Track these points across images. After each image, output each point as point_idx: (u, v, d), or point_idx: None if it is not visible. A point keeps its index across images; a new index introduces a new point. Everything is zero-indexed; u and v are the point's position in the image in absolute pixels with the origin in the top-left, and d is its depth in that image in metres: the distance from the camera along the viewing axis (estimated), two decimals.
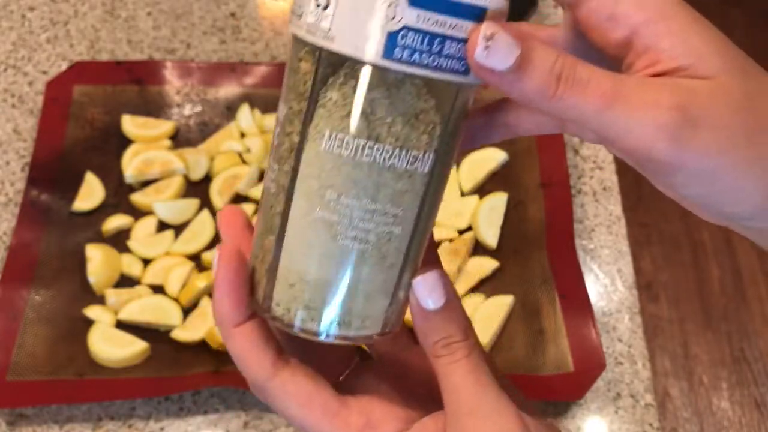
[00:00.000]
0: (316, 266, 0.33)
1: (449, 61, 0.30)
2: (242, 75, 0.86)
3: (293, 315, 0.33)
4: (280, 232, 0.33)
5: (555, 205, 0.77)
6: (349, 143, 0.31)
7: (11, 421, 0.67)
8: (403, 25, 0.29)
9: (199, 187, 0.80)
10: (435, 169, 0.32)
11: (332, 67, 0.31)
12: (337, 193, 0.32)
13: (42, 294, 0.72)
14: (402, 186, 0.32)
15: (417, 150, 0.32)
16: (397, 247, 0.33)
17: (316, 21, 0.31)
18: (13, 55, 0.90)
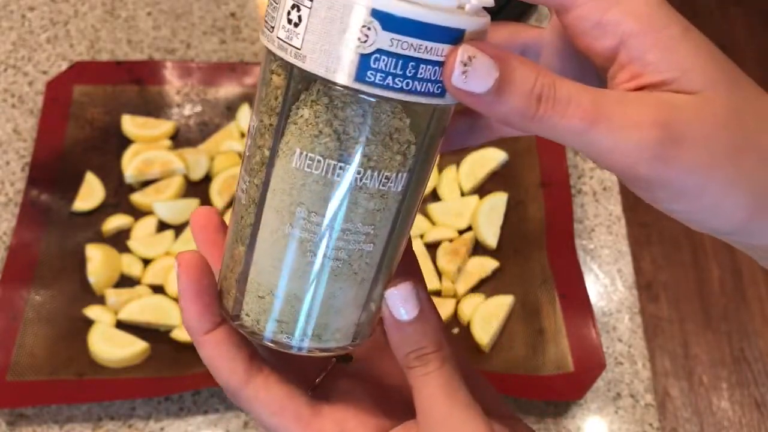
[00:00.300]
0: (286, 280, 0.32)
1: (424, 84, 0.30)
2: (242, 75, 0.86)
3: (263, 327, 0.33)
4: (250, 244, 0.32)
5: (555, 205, 0.77)
6: (320, 162, 0.30)
7: (11, 421, 0.67)
8: (376, 48, 0.29)
9: (199, 187, 0.80)
10: (409, 188, 0.32)
11: (304, 83, 0.30)
12: (308, 211, 0.31)
13: (42, 294, 0.72)
14: (374, 205, 0.31)
15: (390, 171, 0.31)
16: (368, 263, 0.32)
17: (287, 37, 0.30)
18: (13, 55, 0.90)
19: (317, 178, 0.31)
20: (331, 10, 0.29)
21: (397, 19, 0.28)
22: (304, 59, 0.29)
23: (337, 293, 0.32)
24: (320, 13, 0.29)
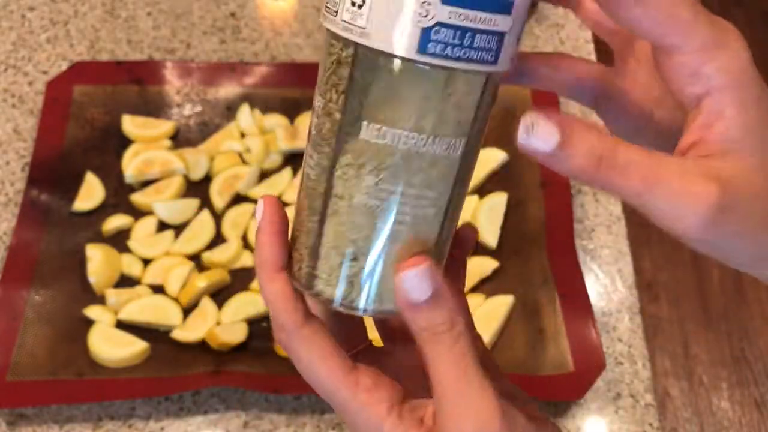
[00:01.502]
0: (356, 246, 0.34)
1: (480, 53, 0.32)
2: (242, 75, 0.86)
3: (334, 291, 0.35)
4: (321, 214, 0.35)
5: (555, 205, 0.77)
6: (386, 133, 0.33)
7: (11, 421, 0.67)
8: (435, 21, 0.31)
9: (199, 187, 0.80)
10: (467, 153, 0.34)
11: (369, 61, 0.32)
12: (376, 179, 0.33)
13: (42, 294, 0.72)
14: (437, 171, 0.33)
15: (450, 137, 0.33)
16: (430, 226, 0.35)
17: (351, 18, 0.32)
18: (13, 55, 0.90)
19: (384, 148, 0.33)
20: None
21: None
22: (369, 37, 0.32)
23: (402, 256, 0.34)
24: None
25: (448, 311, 0.34)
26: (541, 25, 0.93)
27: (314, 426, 0.68)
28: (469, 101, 0.33)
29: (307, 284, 0.36)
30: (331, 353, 0.35)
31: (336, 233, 0.34)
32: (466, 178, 0.35)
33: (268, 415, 0.68)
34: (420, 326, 0.34)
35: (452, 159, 0.34)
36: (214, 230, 0.77)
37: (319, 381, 0.36)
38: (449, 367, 0.34)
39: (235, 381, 0.66)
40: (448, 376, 0.34)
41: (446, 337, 0.34)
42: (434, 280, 0.33)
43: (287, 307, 0.35)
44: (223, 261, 0.75)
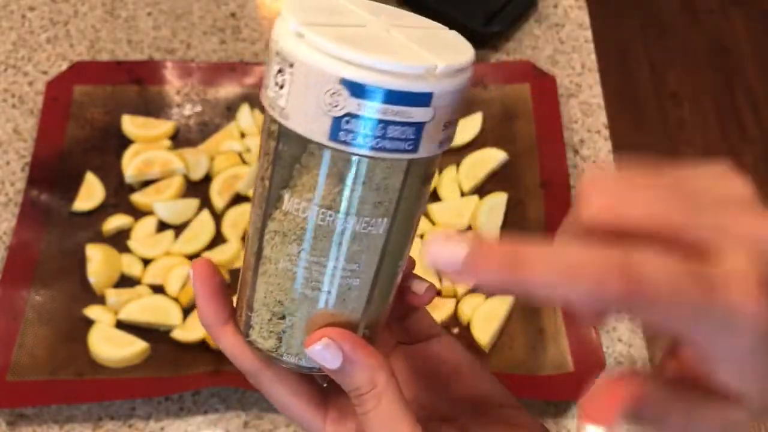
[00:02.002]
0: (283, 306, 0.36)
1: (395, 142, 0.32)
2: (242, 75, 0.86)
3: (265, 343, 0.37)
4: (254, 271, 0.36)
5: (555, 205, 0.77)
6: (306, 208, 0.34)
7: (11, 421, 0.67)
8: (345, 112, 0.31)
9: (199, 187, 0.80)
10: (392, 230, 0.35)
11: (289, 139, 0.33)
12: (298, 250, 0.34)
13: (42, 294, 0.72)
14: (358, 246, 0.34)
15: (370, 217, 0.34)
16: (357, 295, 0.35)
17: (274, 97, 0.33)
18: (13, 55, 0.90)
19: (304, 221, 0.34)
20: (307, 77, 0.32)
21: (363, 87, 0.31)
22: (288, 118, 0.32)
23: (329, 320, 0.36)
24: (299, 79, 0.32)
25: (364, 374, 0.35)
26: (541, 26, 0.93)
27: None
28: (389, 185, 0.33)
29: (245, 332, 0.37)
30: (297, 390, 0.37)
31: (265, 291, 0.36)
32: (396, 254, 0.36)
33: (268, 415, 0.68)
34: (345, 388, 0.36)
35: (374, 236, 0.34)
36: (214, 230, 0.77)
37: (291, 415, 0.38)
38: (374, 427, 0.35)
39: (235, 381, 0.66)
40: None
41: (368, 398, 0.35)
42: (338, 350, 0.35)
43: (244, 355, 0.37)
44: (223, 261, 0.75)
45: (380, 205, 0.34)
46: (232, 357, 0.38)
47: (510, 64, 0.87)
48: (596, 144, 0.84)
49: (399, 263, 0.37)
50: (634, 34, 2.09)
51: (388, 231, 0.35)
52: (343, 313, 0.36)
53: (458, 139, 0.83)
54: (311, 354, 0.35)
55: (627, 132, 1.94)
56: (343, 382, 0.35)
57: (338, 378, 0.35)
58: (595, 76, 0.89)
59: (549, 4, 0.94)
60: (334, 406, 0.38)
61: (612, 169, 0.29)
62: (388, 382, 0.35)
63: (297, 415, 0.38)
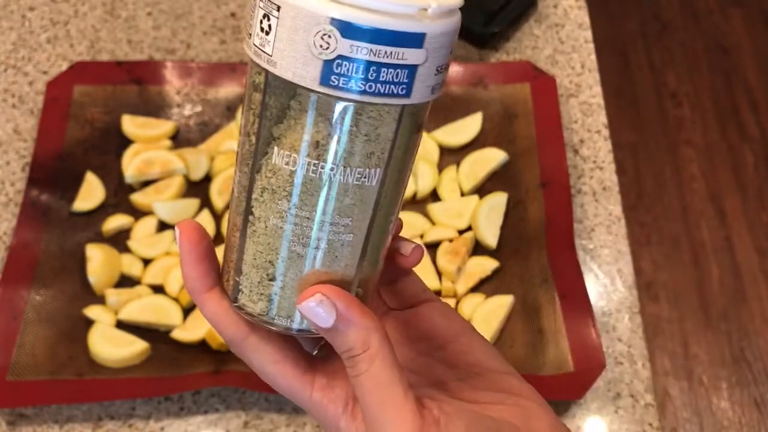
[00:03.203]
0: (273, 267, 0.34)
1: (388, 86, 0.31)
2: (242, 75, 0.86)
3: (255, 306, 0.35)
4: (242, 233, 0.35)
5: (555, 205, 0.77)
6: (296, 160, 0.32)
7: (11, 420, 0.67)
8: (337, 54, 0.30)
9: (200, 187, 0.80)
10: (385, 182, 0.34)
11: (277, 88, 0.32)
12: (288, 206, 0.33)
13: (42, 294, 0.72)
14: (350, 200, 0.33)
15: (362, 167, 0.33)
16: (351, 251, 0.34)
17: (260, 44, 0.32)
18: (13, 55, 0.90)
19: (295, 174, 0.32)
20: (296, 19, 0.30)
21: (355, 27, 0.30)
22: (275, 65, 0.31)
23: (322, 278, 0.34)
24: (286, 23, 0.30)
25: (358, 334, 0.34)
26: (541, 25, 0.93)
27: (314, 426, 0.68)
28: (382, 133, 0.32)
29: (233, 297, 0.36)
30: (281, 357, 0.36)
31: (255, 252, 0.34)
32: (389, 207, 0.35)
33: (268, 415, 0.68)
34: (337, 349, 0.34)
35: (367, 188, 0.33)
36: (214, 230, 0.77)
37: (276, 384, 0.37)
38: (367, 392, 0.34)
39: (235, 381, 0.66)
40: (368, 402, 0.34)
41: (360, 360, 0.34)
42: (335, 307, 0.34)
43: (227, 322, 0.36)
44: None
45: (373, 156, 0.33)
46: (215, 324, 0.36)
47: (510, 64, 0.87)
48: (596, 144, 0.84)
49: (391, 218, 0.35)
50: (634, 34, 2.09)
51: (381, 183, 0.33)
52: (336, 272, 0.34)
53: (458, 139, 0.83)
54: (304, 311, 0.34)
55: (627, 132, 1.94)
56: (336, 342, 0.34)
57: (331, 337, 0.34)
58: (595, 76, 0.89)
59: (549, 4, 0.94)
60: (321, 372, 0.37)
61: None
62: (382, 343, 0.34)
63: (282, 384, 0.36)
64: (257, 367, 0.37)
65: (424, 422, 0.34)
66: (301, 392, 0.36)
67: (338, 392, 0.36)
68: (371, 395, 0.34)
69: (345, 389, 0.36)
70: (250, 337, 0.36)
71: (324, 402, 0.36)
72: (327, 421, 0.36)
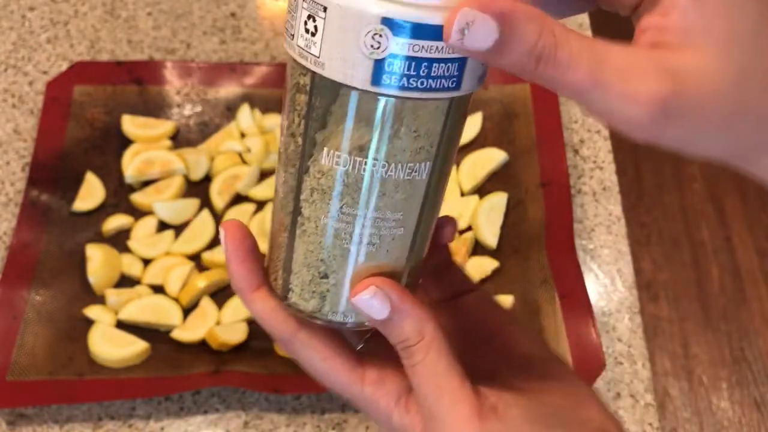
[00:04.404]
0: (325, 265, 0.35)
1: (438, 80, 0.31)
2: (242, 75, 0.86)
3: (308, 304, 0.36)
4: (291, 232, 0.35)
5: (555, 205, 0.77)
6: (346, 159, 0.32)
7: (11, 420, 0.67)
8: (388, 53, 0.30)
9: (200, 187, 0.80)
10: (433, 175, 0.34)
11: (325, 89, 0.32)
12: (340, 204, 0.33)
13: (42, 294, 0.72)
14: (401, 195, 0.33)
15: (414, 162, 0.33)
16: (401, 244, 0.35)
17: (306, 45, 0.31)
18: (13, 55, 0.90)
19: (346, 174, 0.33)
20: (344, 20, 0.30)
21: (405, 24, 0.29)
22: (323, 66, 0.31)
23: (373, 272, 0.35)
24: (334, 24, 0.30)
25: (413, 324, 0.34)
26: None
27: (314, 426, 0.68)
28: (431, 127, 0.32)
29: (282, 295, 0.36)
30: (332, 353, 0.36)
31: (305, 251, 0.35)
32: (435, 198, 0.35)
33: (269, 415, 0.68)
34: (392, 340, 0.35)
35: (417, 182, 0.33)
36: (215, 230, 0.77)
37: (326, 380, 0.37)
38: (423, 381, 0.34)
39: (235, 381, 0.66)
40: (424, 392, 0.34)
41: (416, 350, 0.34)
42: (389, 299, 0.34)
43: (276, 320, 0.36)
44: (223, 261, 0.75)
45: (422, 150, 0.33)
46: (263, 323, 0.36)
47: None
48: (596, 144, 0.84)
49: (437, 208, 0.36)
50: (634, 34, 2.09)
51: (430, 175, 0.34)
52: (387, 265, 0.35)
53: None
54: (358, 304, 0.34)
55: None
56: (391, 333, 0.34)
57: (386, 329, 0.34)
58: None
59: None
60: (371, 367, 0.36)
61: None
62: (436, 332, 0.34)
63: (332, 379, 0.36)
64: (307, 364, 0.37)
65: (481, 409, 0.34)
66: (352, 387, 0.36)
67: (389, 386, 0.36)
68: (428, 384, 0.34)
69: (396, 383, 0.36)
70: (299, 334, 0.36)
71: (376, 396, 0.36)
72: (379, 415, 0.36)
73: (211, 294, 0.74)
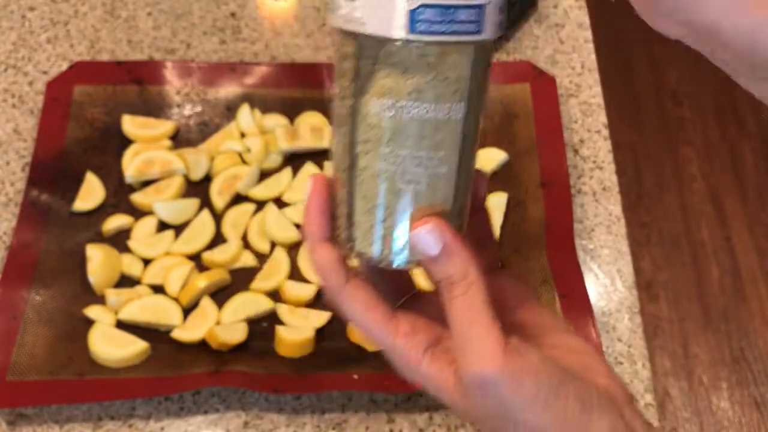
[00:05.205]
0: (383, 210, 0.40)
1: (464, 25, 0.37)
2: (242, 75, 0.86)
3: (370, 249, 0.40)
4: (350, 185, 0.40)
5: (555, 205, 0.77)
6: (392, 106, 0.38)
7: (11, 420, 0.67)
8: (420, 3, 0.36)
9: (200, 187, 0.80)
10: (468, 115, 0.39)
11: (368, 47, 0.38)
12: (390, 148, 0.38)
13: (42, 294, 0.72)
14: (441, 134, 0.38)
15: (450, 102, 0.38)
16: (446, 182, 0.40)
17: (348, 12, 0.37)
18: (13, 55, 0.90)
19: (393, 120, 0.38)
20: None
21: None
22: (365, 25, 0.37)
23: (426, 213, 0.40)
24: None
25: (460, 263, 0.38)
26: (541, 25, 0.93)
27: (314, 426, 0.68)
28: (462, 69, 0.38)
29: (347, 247, 0.41)
30: (373, 305, 0.40)
31: (364, 201, 0.40)
32: (471, 136, 0.40)
33: (269, 415, 0.68)
34: (437, 277, 0.39)
35: (455, 122, 0.38)
36: (214, 230, 0.77)
37: (365, 330, 0.41)
38: (460, 312, 0.38)
39: (235, 381, 0.67)
40: (459, 321, 0.38)
41: (458, 286, 0.38)
42: (442, 237, 0.38)
43: (331, 271, 0.41)
44: (223, 261, 0.75)
45: (456, 92, 0.38)
46: (320, 271, 0.41)
47: (510, 64, 0.87)
48: (596, 144, 0.84)
49: (474, 150, 0.40)
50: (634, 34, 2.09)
51: (466, 115, 0.39)
52: (436, 205, 0.40)
53: None
54: (415, 240, 0.39)
55: (627, 132, 1.94)
56: (440, 269, 0.38)
57: (435, 266, 0.39)
58: (595, 76, 0.89)
59: (549, 4, 0.94)
60: (404, 322, 0.41)
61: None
62: (479, 275, 0.38)
63: (371, 329, 0.40)
64: (350, 314, 0.41)
65: (507, 346, 0.38)
66: (386, 337, 0.40)
67: (420, 338, 0.40)
68: (463, 315, 0.38)
69: (426, 336, 0.40)
70: (347, 287, 0.40)
71: (407, 347, 0.40)
72: (409, 364, 0.40)
73: (211, 294, 0.74)
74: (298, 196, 0.80)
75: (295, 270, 0.75)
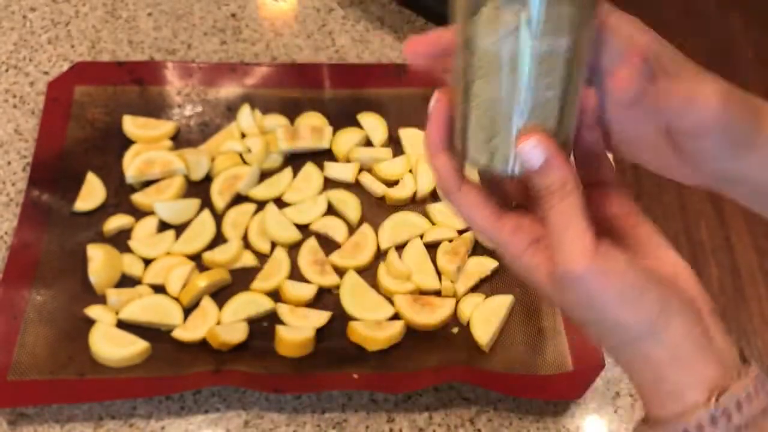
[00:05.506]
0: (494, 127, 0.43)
1: None
2: (243, 75, 0.87)
3: (482, 159, 0.44)
4: (465, 105, 0.43)
5: None
6: (502, 39, 0.41)
7: (12, 420, 0.68)
8: None
9: (200, 187, 0.81)
10: (574, 46, 0.41)
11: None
12: (500, 75, 0.41)
13: (43, 294, 0.72)
14: (549, 63, 0.41)
15: (557, 36, 0.41)
16: (552, 106, 0.43)
17: None
18: (14, 55, 0.91)
19: (502, 49, 0.41)
20: None
21: None
22: None
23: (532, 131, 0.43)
24: None
25: (559, 175, 0.42)
26: None
27: (314, 425, 0.68)
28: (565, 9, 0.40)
29: (463, 156, 0.45)
30: (483, 205, 0.45)
31: (477, 118, 0.43)
32: (578, 65, 0.42)
33: (269, 415, 0.69)
34: (538, 186, 0.42)
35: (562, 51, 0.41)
36: (215, 230, 0.78)
37: (476, 225, 0.45)
38: (557, 217, 0.42)
39: (235, 380, 0.67)
40: (555, 224, 0.42)
41: (556, 195, 0.42)
42: (546, 151, 0.42)
43: (448, 175, 0.45)
44: (223, 261, 0.75)
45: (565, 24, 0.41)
46: (438, 174, 0.45)
47: None
48: None
49: (581, 74, 0.43)
50: None
51: (573, 44, 0.41)
52: (542, 125, 0.42)
53: None
54: (522, 151, 0.42)
55: None
56: (541, 180, 0.42)
57: (538, 176, 0.42)
58: None
59: None
60: (510, 221, 0.45)
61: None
62: (577, 186, 0.42)
63: (480, 224, 0.45)
64: (463, 212, 0.45)
65: (597, 249, 0.41)
66: (494, 231, 0.45)
67: (523, 236, 0.44)
68: (560, 219, 0.42)
69: (529, 234, 0.44)
70: (463, 187, 0.45)
71: (513, 241, 0.44)
72: (513, 255, 0.44)
73: (212, 294, 0.74)
74: (298, 196, 0.80)
75: (295, 270, 0.76)
